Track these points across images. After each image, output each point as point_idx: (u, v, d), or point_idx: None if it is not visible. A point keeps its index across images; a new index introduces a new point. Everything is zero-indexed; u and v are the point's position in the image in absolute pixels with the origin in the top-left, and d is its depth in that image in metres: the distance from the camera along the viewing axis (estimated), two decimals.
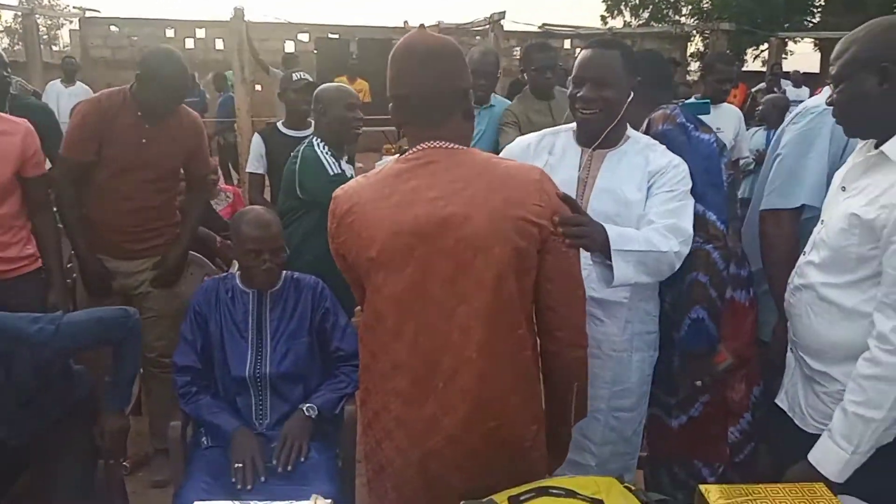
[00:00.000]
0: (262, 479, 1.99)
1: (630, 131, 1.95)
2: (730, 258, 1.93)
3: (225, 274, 2.41)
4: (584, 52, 1.89)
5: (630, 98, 1.84)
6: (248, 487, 1.95)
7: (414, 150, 1.42)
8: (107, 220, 2.72)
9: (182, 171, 2.88)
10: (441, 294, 1.35)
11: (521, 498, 1.16)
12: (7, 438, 1.97)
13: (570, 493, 1.17)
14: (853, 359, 1.40)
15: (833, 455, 1.39)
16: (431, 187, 1.36)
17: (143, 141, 2.63)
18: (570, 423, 1.58)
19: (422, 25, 1.54)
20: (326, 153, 2.71)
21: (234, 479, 1.97)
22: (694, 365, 1.94)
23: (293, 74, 3.52)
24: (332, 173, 2.65)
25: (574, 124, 1.95)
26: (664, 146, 1.93)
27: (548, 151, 1.96)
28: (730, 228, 1.94)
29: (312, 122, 3.06)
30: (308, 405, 2.17)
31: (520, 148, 2.00)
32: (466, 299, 1.34)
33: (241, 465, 1.99)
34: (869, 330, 1.38)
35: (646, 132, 2.03)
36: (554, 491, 1.16)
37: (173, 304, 2.82)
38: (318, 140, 2.76)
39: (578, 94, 1.82)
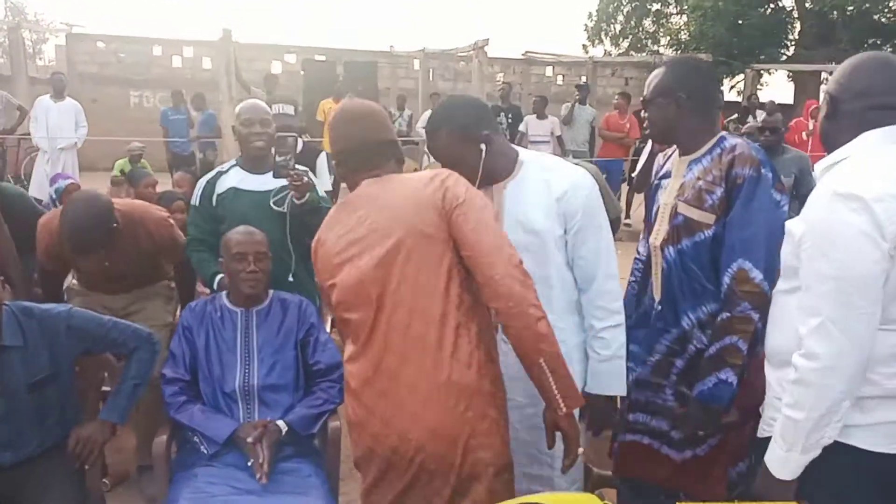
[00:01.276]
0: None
1: (523, 155, 1.95)
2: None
3: (213, 294, 2.49)
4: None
5: (483, 152, 1.87)
6: (264, 480, 2.04)
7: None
8: (92, 286, 2.88)
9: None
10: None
11: None
12: (10, 462, 2.03)
13: None
14: (788, 364, 1.45)
15: (775, 454, 1.46)
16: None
17: (106, 264, 2.65)
18: (561, 408, 1.57)
19: (350, 94, 1.79)
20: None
21: (258, 476, 2.05)
22: (704, 417, 1.88)
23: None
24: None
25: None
26: (561, 163, 1.97)
27: None
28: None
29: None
30: (281, 419, 2.21)
31: None
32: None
33: (251, 462, 2.08)
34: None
35: (722, 155, 1.88)
36: None
37: (164, 319, 2.89)
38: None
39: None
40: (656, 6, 19.13)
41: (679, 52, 16.89)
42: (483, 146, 1.88)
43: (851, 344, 1.35)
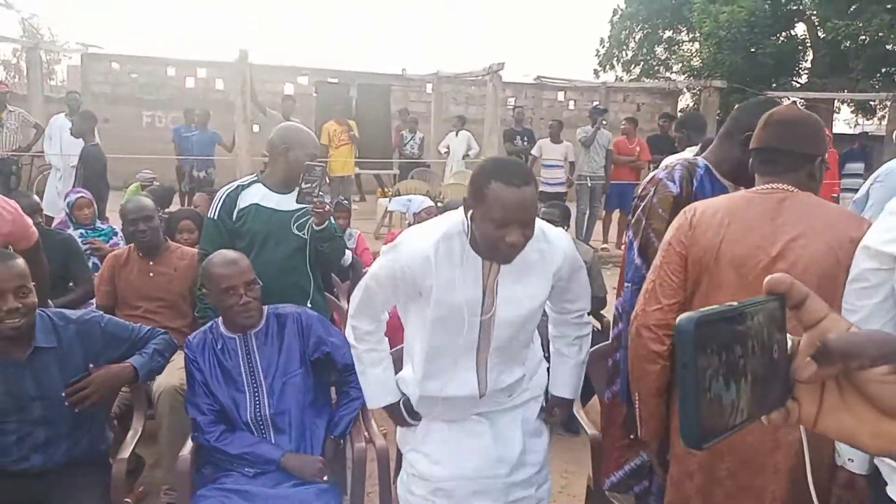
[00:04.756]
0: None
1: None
2: None
3: (210, 323, 2.42)
4: (507, 192, 1.70)
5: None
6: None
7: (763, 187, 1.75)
8: None
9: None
10: None
11: None
12: (39, 467, 2.09)
13: None
14: None
15: None
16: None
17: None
18: None
19: (794, 102, 1.81)
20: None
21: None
22: None
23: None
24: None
25: (460, 222, 1.86)
26: (551, 230, 1.97)
27: (450, 261, 1.85)
28: None
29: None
30: (335, 435, 2.27)
31: (421, 259, 1.85)
32: None
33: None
34: None
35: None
36: None
37: None
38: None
39: (506, 238, 1.71)
40: (668, 33, 19.20)
41: (692, 78, 16.89)
42: None
43: None
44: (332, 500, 2.10)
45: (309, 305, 2.66)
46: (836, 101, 15.69)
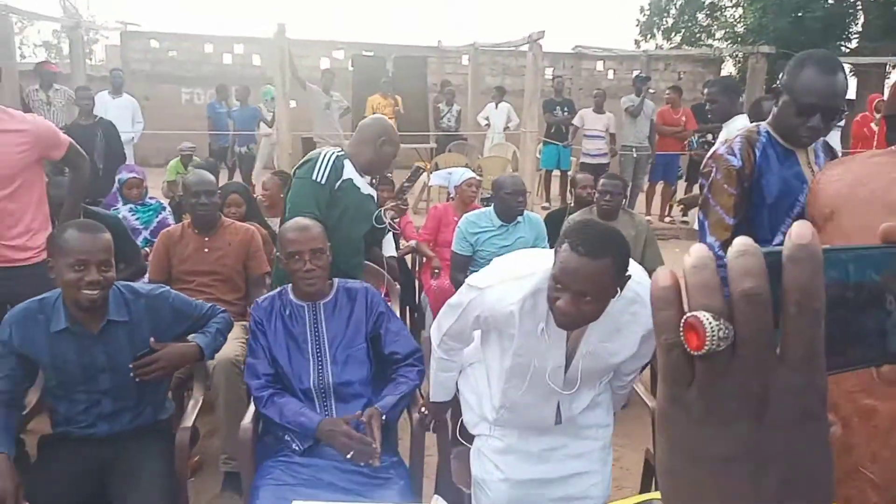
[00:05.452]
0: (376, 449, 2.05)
1: None
2: None
3: (280, 289, 2.42)
4: (571, 257, 1.62)
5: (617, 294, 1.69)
6: (376, 463, 2.02)
7: None
8: None
9: None
10: None
11: None
12: (105, 434, 2.15)
13: None
14: None
15: None
16: None
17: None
18: None
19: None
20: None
21: (372, 462, 2.03)
22: None
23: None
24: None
25: (547, 280, 1.73)
26: (648, 291, 1.81)
27: (534, 318, 1.78)
28: None
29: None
30: (379, 405, 2.19)
31: (504, 315, 1.80)
32: None
33: (351, 453, 2.04)
34: None
35: None
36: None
37: None
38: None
39: (558, 301, 1.64)
40: None
41: (736, 45, 16.38)
42: None
43: None
44: (395, 475, 2.10)
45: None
46: (887, 66, 15.06)
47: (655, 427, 0.37)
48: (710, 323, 0.34)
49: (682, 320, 0.35)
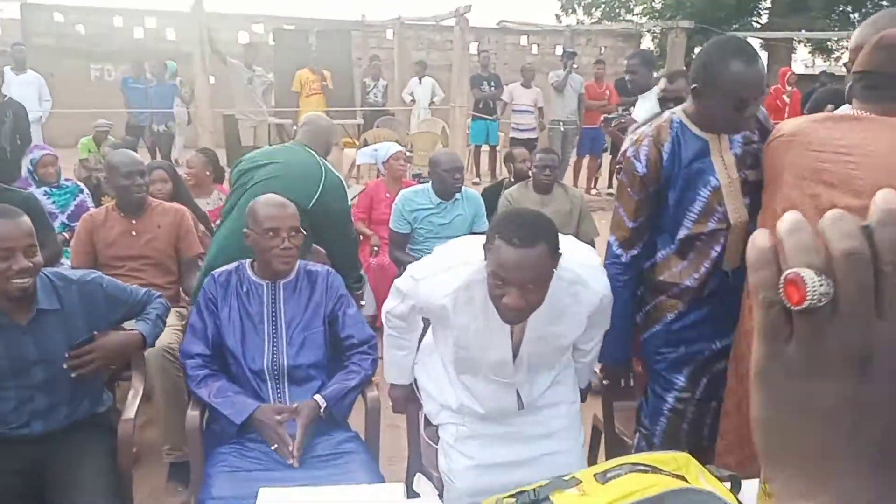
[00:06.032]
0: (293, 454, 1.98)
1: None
2: None
3: (237, 263, 2.33)
4: (509, 251, 1.59)
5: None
6: (295, 464, 1.95)
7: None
8: None
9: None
10: None
11: (608, 475, 1.15)
12: (40, 432, 2.02)
13: (655, 469, 1.16)
14: None
15: None
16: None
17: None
18: None
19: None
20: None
21: (288, 461, 1.96)
22: None
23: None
24: None
25: (482, 269, 1.72)
26: (589, 271, 1.84)
27: (470, 310, 1.77)
28: None
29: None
30: (319, 395, 2.12)
31: (437, 307, 1.80)
32: None
33: (275, 446, 1.98)
34: None
35: None
36: (640, 467, 1.15)
37: None
38: None
39: (504, 298, 1.63)
40: None
41: (655, 20, 16.77)
42: None
43: None
44: (353, 449, 2.07)
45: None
46: (794, 41, 15.80)
47: (752, 383, 0.39)
48: (812, 279, 0.35)
49: (783, 277, 0.36)
